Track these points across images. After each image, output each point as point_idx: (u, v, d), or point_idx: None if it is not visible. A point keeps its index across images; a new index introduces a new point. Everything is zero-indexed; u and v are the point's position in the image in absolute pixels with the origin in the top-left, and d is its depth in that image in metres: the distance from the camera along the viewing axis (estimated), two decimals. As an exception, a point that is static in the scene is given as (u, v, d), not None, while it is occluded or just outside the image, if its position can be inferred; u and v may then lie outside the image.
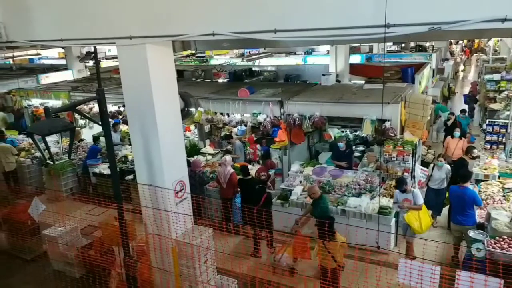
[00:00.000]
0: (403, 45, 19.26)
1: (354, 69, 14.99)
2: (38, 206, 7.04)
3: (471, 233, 6.02)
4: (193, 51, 18.75)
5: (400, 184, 7.07)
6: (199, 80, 16.63)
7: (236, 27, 4.67)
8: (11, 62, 21.82)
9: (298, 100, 9.25)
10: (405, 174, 8.06)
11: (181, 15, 5.00)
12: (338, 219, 6.37)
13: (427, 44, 18.92)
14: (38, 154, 10.99)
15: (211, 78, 17.20)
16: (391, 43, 19.44)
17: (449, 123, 11.34)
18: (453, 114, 11.87)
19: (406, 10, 3.85)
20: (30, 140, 11.74)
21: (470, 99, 15.73)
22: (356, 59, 16.80)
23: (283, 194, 8.32)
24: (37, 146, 5.40)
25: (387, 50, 18.95)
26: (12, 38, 6.67)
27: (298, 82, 15.47)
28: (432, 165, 8.25)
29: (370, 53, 18.34)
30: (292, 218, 7.19)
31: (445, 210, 8.11)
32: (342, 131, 10.06)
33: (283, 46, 17.28)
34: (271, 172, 9.42)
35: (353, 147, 9.90)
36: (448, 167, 8.06)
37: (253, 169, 9.37)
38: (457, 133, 9.45)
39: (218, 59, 21.17)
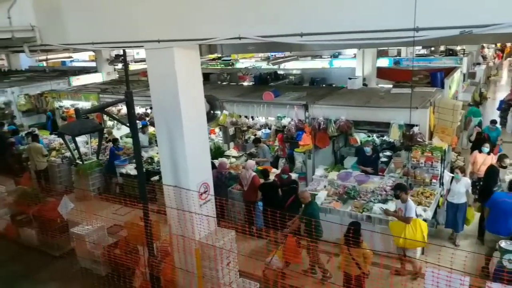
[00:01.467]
0: (432, 48, 18.85)
1: (382, 73, 14.76)
2: (67, 205, 7.25)
3: (503, 244, 5.79)
4: (219, 55, 18.94)
5: (396, 188, 6.76)
6: (224, 83, 16.75)
7: (262, 31, 4.68)
8: (45, 64, 22.63)
9: (323, 103, 9.17)
10: (433, 181, 7.86)
11: (208, 19, 5.05)
12: (363, 225, 6.25)
13: (458, 48, 18.43)
14: (68, 154, 11.31)
15: (236, 81, 17.30)
16: (420, 47, 19.04)
17: (471, 138, 10.69)
18: (479, 125, 11.29)
19: (436, 13, 3.74)
20: (61, 140, 12.12)
21: (506, 105, 15.10)
22: (383, 62, 16.57)
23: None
24: (68, 146, 5.58)
25: (416, 54, 18.57)
26: (46, 41, 6.93)
27: (324, 85, 15.35)
28: (451, 177, 7.77)
29: (398, 57, 18.05)
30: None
31: (476, 217, 7.85)
32: (369, 136, 9.89)
33: (309, 50, 17.22)
34: (295, 176, 9.36)
35: (380, 152, 9.71)
36: (468, 181, 7.60)
37: (276, 172, 9.35)
38: (485, 149, 8.68)
39: (244, 62, 21.31)
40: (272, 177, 8.96)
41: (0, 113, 15.77)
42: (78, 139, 4.96)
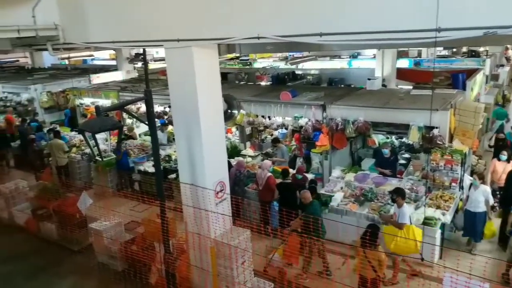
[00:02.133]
0: (454, 49, 18.48)
1: (402, 74, 14.54)
2: (86, 200, 7.38)
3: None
4: (238, 54, 18.99)
5: (394, 192, 6.69)
6: (242, 82, 16.79)
7: (281, 30, 4.67)
8: (67, 62, 23.12)
9: (341, 104, 9.09)
10: (453, 184, 7.70)
11: (227, 18, 5.08)
12: (380, 228, 6.18)
13: (481, 49, 18.02)
14: (88, 150, 11.51)
15: (254, 81, 17.31)
16: (442, 48, 18.69)
17: (491, 143, 10.25)
18: (501, 131, 10.91)
19: (459, 13, 3.67)
20: (81, 137, 12.36)
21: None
22: (403, 63, 16.32)
23: (322, 199, 8.19)
24: (87, 143, 5.67)
25: (437, 55, 18.24)
26: (68, 40, 7.07)
27: (342, 86, 15.23)
28: (470, 184, 7.55)
29: (418, 58, 17.77)
30: (331, 224, 7.06)
31: (497, 222, 7.65)
32: (387, 138, 9.76)
33: (328, 50, 17.09)
34: (311, 176, 9.32)
35: (398, 154, 9.58)
36: (487, 189, 7.28)
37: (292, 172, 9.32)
38: (503, 156, 8.30)
39: (262, 62, 21.31)
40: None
41: (24, 109, 16.20)
42: (97, 136, 5.03)
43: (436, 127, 7.86)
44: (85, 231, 8.24)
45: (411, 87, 12.31)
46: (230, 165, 8.60)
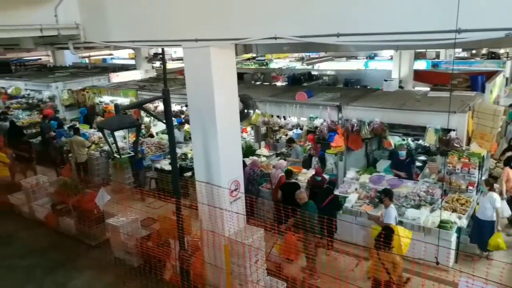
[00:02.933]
0: (473, 51, 18.16)
1: (419, 76, 14.37)
2: (104, 196, 7.52)
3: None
4: (254, 55, 19.05)
5: (381, 192, 6.73)
6: (258, 83, 16.83)
7: (298, 31, 4.69)
8: (87, 61, 23.54)
9: (357, 105, 9.05)
10: (470, 188, 7.60)
11: (244, 19, 5.13)
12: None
13: (501, 51, 17.66)
14: (106, 147, 11.72)
15: (270, 81, 17.33)
16: (460, 49, 18.40)
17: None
18: None
19: (479, 14, 3.63)
20: (99, 134, 12.59)
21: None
22: (421, 65, 16.13)
23: (339, 200, 8.16)
24: (106, 140, 5.77)
25: (456, 57, 17.95)
26: (89, 39, 7.23)
27: (358, 87, 15.14)
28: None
29: (436, 59, 17.52)
30: (346, 225, 7.06)
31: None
32: (403, 139, 9.68)
33: (345, 50, 17.02)
34: (326, 177, 9.31)
35: (414, 156, 9.48)
36: (496, 197, 7.03)
37: (307, 173, 9.33)
38: None
39: (278, 62, 21.32)
40: (302, 178, 8.95)
41: (45, 107, 16.57)
42: (116, 133, 5.14)
43: (454, 130, 7.75)
44: (103, 227, 8.40)
45: (428, 89, 12.13)
46: (244, 165, 8.65)
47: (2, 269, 7.85)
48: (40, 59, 26.29)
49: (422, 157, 9.59)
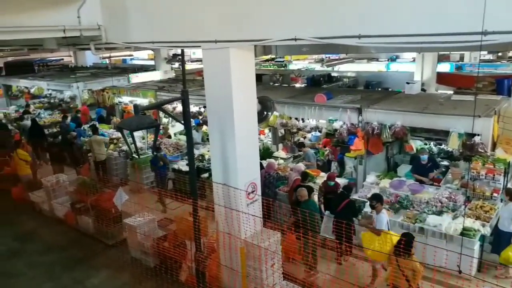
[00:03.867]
0: (499, 54, 17.64)
1: (442, 78, 14.05)
2: (122, 196, 7.57)
3: None
4: (273, 56, 18.99)
5: (372, 199, 6.66)
6: (276, 84, 16.78)
7: (319, 32, 4.61)
8: (107, 62, 23.92)
9: (378, 108, 8.88)
10: (495, 194, 7.35)
11: (264, 20, 5.08)
12: (415, 237, 5.99)
13: (529, 53, 17.11)
14: (125, 147, 11.84)
15: (288, 83, 17.26)
16: (486, 52, 17.90)
17: None
18: None
19: (506, 15, 3.48)
20: (118, 134, 12.74)
21: None
22: (444, 67, 15.75)
23: (356, 205, 8.02)
24: (125, 140, 5.81)
25: (481, 59, 17.48)
26: (110, 40, 7.31)
27: (379, 89, 14.91)
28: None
29: (460, 62, 17.08)
30: (364, 231, 6.91)
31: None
32: (425, 144, 9.46)
33: (366, 52, 16.77)
34: (344, 181, 9.16)
35: (437, 161, 9.24)
36: None
37: (325, 176, 9.20)
38: None
39: (297, 64, 21.19)
40: (319, 181, 8.83)
41: (66, 106, 16.91)
42: (134, 134, 5.16)
43: (478, 135, 7.53)
44: (120, 226, 8.47)
45: (451, 92, 11.84)
46: (262, 167, 8.60)
47: (23, 265, 8.00)
48: (62, 59, 26.85)
49: (445, 162, 9.34)
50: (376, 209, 6.60)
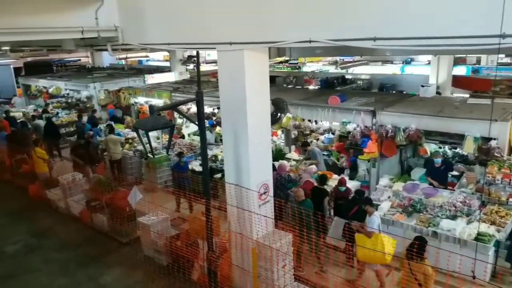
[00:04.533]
0: (518, 57, 17.34)
1: (458, 82, 13.89)
2: (136, 195, 7.66)
3: None
4: (287, 58, 19.00)
5: (361, 203, 6.73)
6: (290, 86, 16.78)
7: (333, 34, 4.62)
8: (124, 63, 24.23)
9: (392, 110, 8.83)
10: (511, 200, 7.24)
11: (278, 22, 5.10)
12: (428, 241, 5.94)
13: (548, 56, 16.79)
14: (140, 147, 12.00)
15: (302, 85, 17.23)
16: (503, 55, 17.61)
17: None
18: None
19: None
20: (133, 134, 12.91)
21: None
22: (460, 70, 15.57)
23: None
24: (141, 140, 5.93)
25: (498, 62, 17.21)
26: (127, 41, 7.44)
27: (394, 92, 14.80)
28: None
29: (477, 65, 16.86)
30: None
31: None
32: (440, 147, 9.36)
33: (380, 55, 16.67)
34: (357, 184, 9.13)
35: (452, 164, 9.12)
36: None
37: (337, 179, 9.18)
38: None
39: (311, 66, 21.17)
40: (333, 183, 8.80)
41: (83, 106, 17.20)
42: (150, 134, 5.24)
43: (494, 139, 7.42)
44: (134, 225, 8.58)
45: (467, 95, 11.69)
46: (274, 168, 8.61)
47: (39, 261, 8.17)
48: (79, 60, 27.31)
49: (460, 166, 9.22)
50: (368, 211, 6.64)
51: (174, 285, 6.91)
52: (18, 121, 15.87)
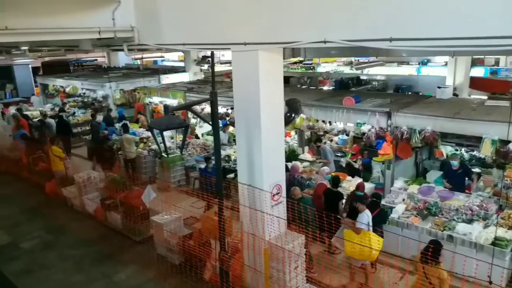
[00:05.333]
0: (538, 58, 16.94)
1: (476, 83, 13.64)
2: (150, 194, 7.73)
3: None
4: (301, 58, 18.95)
5: (353, 200, 6.78)
6: (304, 87, 16.73)
7: (349, 35, 4.58)
8: (139, 63, 24.48)
9: (408, 112, 8.70)
10: (530, 204, 7.09)
11: (293, 22, 5.09)
12: (443, 245, 5.84)
13: None
14: (154, 146, 12.10)
15: (316, 85, 17.16)
16: (524, 56, 17.25)
17: None
18: None
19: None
20: (148, 134, 13.04)
21: None
22: (478, 72, 15.28)
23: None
24: (155, 139, 5.96)
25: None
26: (143, 41, 7.51)
27: (410, 93, 14.62)
28: None
29: (495, 66, 16.53)
30: (391, 237, 6.80)
31: None
32: (456, 150, 9.20)
33: (396, 55, 16.49)
34: (371, 186, 9.03)
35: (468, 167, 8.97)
36: None
37: (352, 181, 9.11)
38: None
39: (325, 66, 21.04)
40: (347, 185, 8.73)
41: (99, 105, 17.43)
42: (164, 133, 5.28)
43: (513, 142, 7.27)
44: (147, 223, 8.64)
45: (485, 97, 11.47)
46: (287, 169, 8.59)
47: (54, 257, 8.30)
48: (96, 60, 27.66)
49: (477, 169, 9.06)
50: (358, 209, 6.67)
51: (186, 284, 6.95)
52: (36, 120, 16.19)
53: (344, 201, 7.93)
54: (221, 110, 11.78)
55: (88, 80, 18.86)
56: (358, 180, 9.15)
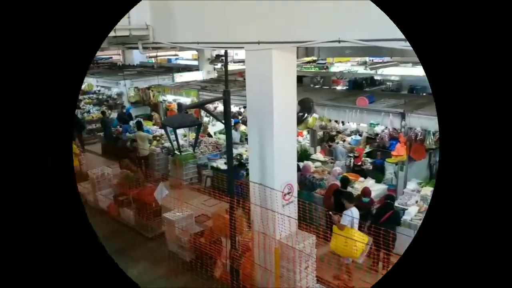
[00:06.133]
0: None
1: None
2: (162, 191, 7.78)
3: None
4: (315, 58, 18.87)
5: (343, 198, 6.76)
6: (317, 86, 16.65)
7: (363, 34, 4.55)
8: (153, 61, 24.66)
9: (422, 113, 8.57)
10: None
11: (307, 21, 5.07)
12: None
13: None
14: (167, 144, 12.18)
15: (329, 85, 17.07)
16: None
17: None
18: None
19: None
20: (161, 131, 13.14)
21: None
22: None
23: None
24: (168, 137, 6.01)
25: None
26: (157, 39, 7.57)
27: (424, 94, 14.43)
28: None
29: None
30: (403, 239, 6.73)
31: None
32: (471, 152, 9.04)
33: (411, 56, 16.29)
34: (384, 187, 8.95)
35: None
36: None
37: (364, 182, 9.05)
38: None
39: (339, 66, 20.92)
40: (359, 186, 8.66)
41: (113, 103, 17.63)
42: (177, 131, 5.32)
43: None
44: (159, 220, 8.71)
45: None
46: (299, 169, 8.56)
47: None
48: (111, 57, 27.96)
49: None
50: (345, 206, 6.65)
51: (197, 281, 6.99)
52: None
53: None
54: (234, 109, 11.79)
55: (103, 77, 19.06)
56: (371, 181, 9.09)
